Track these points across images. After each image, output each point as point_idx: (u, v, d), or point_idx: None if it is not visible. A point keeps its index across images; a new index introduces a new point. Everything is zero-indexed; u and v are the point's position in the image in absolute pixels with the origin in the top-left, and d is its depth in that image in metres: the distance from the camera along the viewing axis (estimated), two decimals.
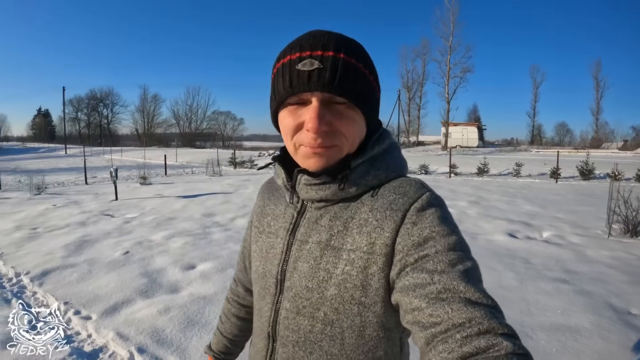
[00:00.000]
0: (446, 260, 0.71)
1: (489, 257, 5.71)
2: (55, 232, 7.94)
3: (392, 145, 0.92)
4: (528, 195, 12.63)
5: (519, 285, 4.65)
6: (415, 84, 61.71)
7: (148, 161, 32.61)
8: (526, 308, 4.05)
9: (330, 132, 0.80)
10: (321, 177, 0.85)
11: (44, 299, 4.58)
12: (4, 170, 23.60)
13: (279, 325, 0.90)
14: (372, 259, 0.78)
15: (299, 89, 0.78)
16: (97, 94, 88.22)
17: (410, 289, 0.71)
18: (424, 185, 0.86)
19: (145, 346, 3.43)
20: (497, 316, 0.63)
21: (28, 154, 58.13)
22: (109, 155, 43.33)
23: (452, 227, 0.78)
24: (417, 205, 0.80)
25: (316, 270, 0.84)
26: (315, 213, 0.89)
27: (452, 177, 19.19)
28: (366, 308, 0.79)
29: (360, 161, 0.85)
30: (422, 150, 43.79)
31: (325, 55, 0.77)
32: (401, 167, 0.93)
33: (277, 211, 0.99)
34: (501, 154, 33.89)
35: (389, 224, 0.79)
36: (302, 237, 0.89)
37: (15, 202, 12.72)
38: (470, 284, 0.67)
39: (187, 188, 15.11)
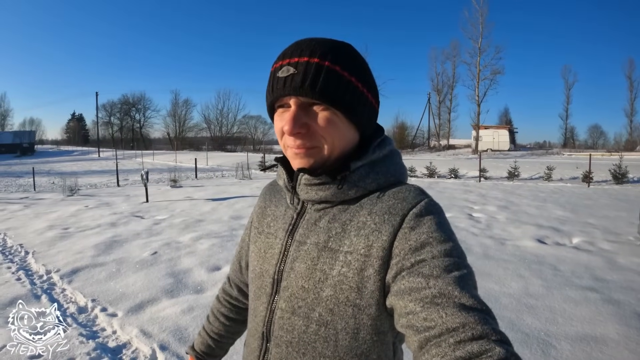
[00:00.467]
0: (442, 265, 0.72)
1: (516, 264, 5.62)
2: (86, 232, 8.16)
3: (392, 151, 0.94)
4: (559, 199, 12.35)
5: (546, 293, 4.55)
6: (445, 87, 61.04)
7: (179, 164, 33.16)
8: (552, 317, 3.96)
9: (308, 134, 0.83)
10: (321, 177, 0.86)
11: (72, 296, 4.71)
12: (38, 172, 24.29)
13: (274, 325, 0.90)
14: (368, 261, 0.79)
15: (277, 94, 0.83)
16: (129, 98, 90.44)
17: (406, 292, 0.72)
18: (423, 192, 0.86)
19: (167, 344, 3.49)
20: (490, 322, 0.64)
21: (62, 156, 59.80)
22: (140, 159, 44.21)
23: (449, 234, 0.78)
24: (415, 211, 0.80)
25: (313, 271, 0.84)
26: (315, 215, 0.90)
27: (481, 181, 18.90)
28: (361, 310, 0.79)
29: (360, 164, 0.87)
30: (452, 154, 43.33)
31: (300, 61, 0.81)
32: (401, 173, 0.94)
33: (277, 212, 1.00)
34: (532, 158, 33.21)
35: (387, 227, 0.80)
36: (301, 238, 0.89)
37: (49, 202, 13.12)
38: (465, 290, 0.68)
39: (216, 191, 15.31)
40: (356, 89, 0.84)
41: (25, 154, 68.84)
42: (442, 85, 61.15)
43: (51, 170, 32.95)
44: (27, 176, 26.59)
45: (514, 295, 4.46)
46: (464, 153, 44.42)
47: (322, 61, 0.81)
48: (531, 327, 3.74)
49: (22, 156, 65.69)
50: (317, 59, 0.81)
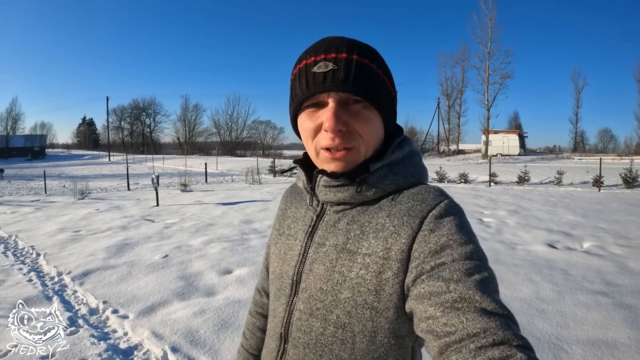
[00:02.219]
0: (462, 269, 0.70)
1: (527, 268, 5.58)
2: (97, 235, 8.22)
3: (412, 152, 0.92)
4: (569, 204, 12.26)
5: (557, 297, 4.52)
6: (454, 92, 60.74)
7: (189, 169, 33.30)
8: (563, 321, 3.93)
9: (347, 132, 0.81)
10: (340, 179, 0.86)
11: (84, 298, 4.74)
12: (49, 175, 24.51)
13: (292, 326, 0.89)
14: (387, 264, 0.78)
15: (315, 90, 0.80)
16: (139, 103, 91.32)
17: (425, 296, 0.70)
18: (443, 193, 0.84)
19: (179, 346, 3.51)
20: (512, 327, 0.63)
21: (73, 160, 60.35)
22: (151, 163, 44.51)
23: (469, 236, 0.77)
24: (435, 213, 0.79)
25: (331, 272, 0.84)
26: (334, 216, 0.90)
27: (492, 185, 18.81)
28: (378, 313, 0.79)
29: (379, 165, 0.86)
30: (462, 159, 43.19)
31: (339, 57, 0.79)
32: (421, 174, 0.92)
33: (297, 214, 1.00)
34: (542, 162, 33.05)
35: (405, 230, 0.78)
36: (320, 240, 0.89)
37: (60, 205, 13.23)
38: (486, 293, 0.66)
39: (226, 195, 15.36)
40: (387, 87, 0.85)
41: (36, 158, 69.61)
42: (452, 89, 60.94)
43: (62, 174, 33.27)
44: (38, 179, 26.86)
45: (525, 300, 4.44)
46: (474, 158, 44.29)
47: (362, 58, 0.80)
48: (542, 331, 3.72)
49: (33, 160, 66.45)
50: (356, 56, 0.80)
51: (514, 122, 70.79)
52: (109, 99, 72.18)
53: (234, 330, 3.79)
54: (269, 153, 61.53)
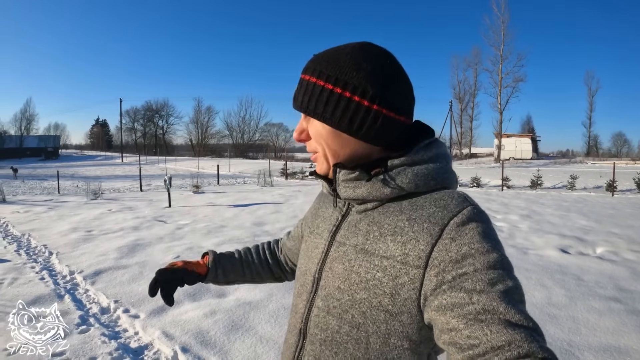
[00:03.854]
0: (485, 279, 0.68)
1: (539, 273, 5.53)
2: (109, 235, 8.29)
3: (440, 155, 0.89)
4: (582, 209, 12.15)
5: (569, 303, 4.48)
6: (467, 95, 60.49)
7: (201, 171, 33.47)
8: (575, 327, 3.89)
9: (310, 142, 0.93)
10: (355, 171, 0.86)
11: (95, 297, 4.78)
12: (62, 175, 24.69)
13: (311, 322, 0.91)
14: (403, 269, 0.78)
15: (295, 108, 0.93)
16: (152, 105, 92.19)
17: (448, 308, 0.69)
18: (466, 199, 0.82)
19: (189, 346, 3.52)
20: (537, 339, 0.61)
21: (86, 161, 60.93)
22: (163, 164, 44.82)
23: (493, 244, 0.74)
24: (457, 220, 0.77)
25: (349, 272, 0.85)
26: (356, 217, 0.91)
27: (504, 190, 18.70)
28: (392, 316, 0.79)
29: (398, 163, 0.84)
30: (474, 163, 42.97)
31: (301, 78, 0.90)
32: (446, 178, 0.88)
33: (326, 214, 1.02)
34: (555, 166, 32.78)
35: (425, 237, 0.77)
36: (341, 239, 0.91)
37: (73, 205, 13.36)
38: (510, 304, 0.65)
39: (238, 197, 15.43)
40: (341, 96, 0.83)
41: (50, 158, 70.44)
42: (464, 93, 60.70)
43: (75, 174, 33.60)
44: (51, 179, 27.13)
45: (536, 305, 4.39)
46: (487, 162, 44.05)
47: (306, 76, 0.87)
48: (554, 337, 3.68)
49: (47, 160, 67.25)
50: (304, 75, 0.88)
51: (526, 126, 70.35)
52: (122, 100, 72.84)
53: (244, 331, 3.79)
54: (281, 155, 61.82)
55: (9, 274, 5.62)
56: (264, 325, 3.91)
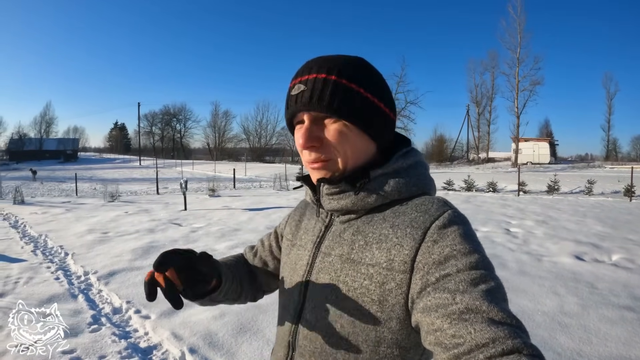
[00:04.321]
0: (468, 279, 0.70)
1: (552, 281, 5.46)
2: (125, 237, 8.40)
3: (418, 162, 0.93)
4: (599, 214, 11.94)
5: (581, 312, 4.40)
6: (484, 99, 59.80)
7: (218, 174, 33.72)
8: (586, 336, 3.83)
9: (322, 147, 0.86)
10: (340, 185, 0.88)
11: (108, 297, 4.86)
12: (81, 178, 25.10)
13: (299, 335, 0.91)
14: (390, 275, 0.79)
15: (292, 111, 0.88)
16: (170, 109, 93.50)
17: (432, 309, 0.70)
18: (446, 203, 0.85)
19: (197, 347, 3.56)
20: (521, 336, 0.62)
21: (104, 164, 61.76)
22: (180, 168, 45.09)
23: (474, 245, 0.77)
24: (438, 223, 0.79)
25: (336, 282, 0.85)
26: (340, 227, 0.92)
27: (520, 195, 18.49)
28: (381, 324, 0.79)
29: (380, 172, 0.87)
30: (491, 167, 42.61)
31: (309, 78, 0.85)
32: (425, 184, 0.92)
33: (309, 225, 1.02)
34: (573, 171, 32.36)
35: (408, 241, 0.79)
36: (326, 250, 0.91)
37: (90, 207, 13.56)
38: (493, 303, 0.66)
39: (254, 201, 15.49)
40: (366, 99, 0.86)
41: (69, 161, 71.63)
42: (481, 97, 60.11)
43: (93, 177, 34.07)
44: (69, 181, 27.58)
45: (548, 313, 4.34)
46: (504, 166, 43.64)
47: (329, 76, 0.84)
48: (564, 346, 3.63)
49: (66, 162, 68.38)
50: (324, 75, 0.84)
51: (544, 130, 69.39)
52: (140, 104, 73.73)
53: (252, 334, 3.82)
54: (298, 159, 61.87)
55: (25, 273, 5.74)
56: (272, 328, 3.92)
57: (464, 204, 14.09)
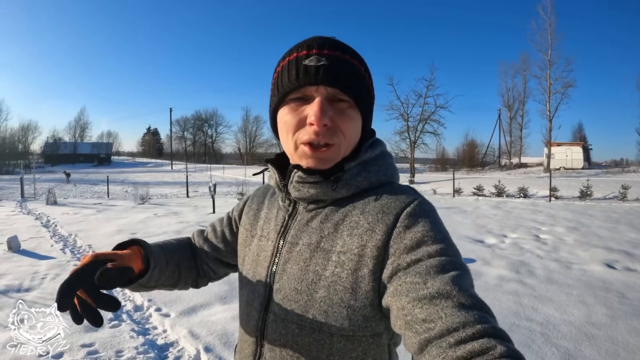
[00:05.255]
0: (439, 265, 0.71)
1: (581, 289, 5.29)
2: (152, 238, 8.47)
3: (384, 152, 0.94)
4: (633, 221, 11.52)
5: (609, 322, 4.24)
6: (516, 102, 58.33)
7: (248, 179, 33.92)
8: (613, 349, 3.68)
9: (332, 128, 0.82)
10: (315, 175, 0.86)
11: (130, 295, 4.95)
12: (113, 181, 25.66)
13: (267, 329, 0.87)
14: (362, 261, 0.78)
15: (305, 82, 0.81)
16: (202, 114, 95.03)
17: (403, 293, 0.70)
18: (415, 192, 0.87)
19: (212, 346, 3.58)
20: (490, 321, 0.63)
21: (137, 167, 63.05)
22: (210, 172, 45.64)
23: (444, 233, 0.78)
24: (409, 210, 0.80)
25: (305, 272, 0.83)
26: (306, 215, 0.90)
27: (552, 201, 18.06)
28: (355, 312, 0.78)
29: (353, 164, 0.87)
30: (523, 173, 41.78)
31: (332, 54, 0.82)
32: (392, 173, 0.93)
33: (270, 215, 0.99)
34: (607, 176, 31.39)
35: (380, 226, 0.79)
36: (293, 240, 0.89)
37: (121, 209, 13.85)
38: (463, 289, 0.67)
39: None
40: (370, 90, 0.89)
41: (102, 164, 73.56)
42: (513, 100, 58.71)
43: (125, 180, 34.79)
44: (102, 184, 28.25)
45: (574, 324, 4.19)
46: (536, 171, 42.71)
47: (352, 58, 0.84)
48: (589, 359, 3.49)
49: (99, 166, 70.36)
50: (348, 56, 0.83)
51: (578, 134, 67.39)
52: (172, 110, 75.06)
53: None
54: None
55: (53, 270, 5.91)
56: None
57: (494, 210, 13.85)
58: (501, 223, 10.85)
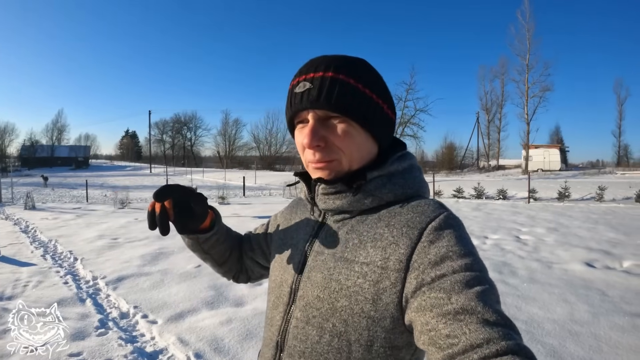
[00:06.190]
0: (463, 280, 0.70)
1: (562, 288, 5.39)
2: (134, 243, 8.46)
3: (413, 165, 0.94)
4: (611, 221, 11.80)
5: (591, 320, 4.35)
6: (494, 106, 59.25)
7: (228, 182, 33.77)
8: (596, 344, 3.78)
9: (327, 147, 0.85)
10: (336, 185, 0.88)
11: (116, 302, 4.89)
12: (91, 185, 25.32)
13: (288, 334, 0.89)
14: (384, 273, 0.78)
15: (295, 109, 0.86)
16: (181, 117, 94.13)
17: (427, 308, 0.70)
18: (442, 206, 0.85)
19: (202, 352, 3.56)
20: (514, 337, 0.62)
21: (115, 171, 62.21)
22: (191, 175, 45.28)
23: (469, 248, 0.77)
24: (434, 224, 0.79)
25: (329, 280, 0.84)
26: (334, 225, 0.92)
27: (531, 202, 18.33)
28: (375, 322, 0.78)
29: (377, 174, 0.88)
30: (501, 175, 42.34)
31: (316, 76, 0.84)
32: (420, 187, 0.93)
33: (300, 224, 1.03)
34: (584, 178, 32.05)
35: (404, 240, 0.79)
36: (319, 249, 0.91)
37: (101, 214, 13.65)
38: (488, 305, 0.66)
39: (263, 209, 15.49)
40: (371, 99, 0.86)
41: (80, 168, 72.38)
42: (491, 104, 59.66)
43: (104, 184, 34.30)
44: (80, 188, 27.77)
45: (558, 321, 4.28)
46: (514, 173, 43.33)
47: (337, 74, 0.83)
48: (574, 355, 3.57)
49: (77, 169, 69.18)
50: (331, 73, 0.83)
51: (555, 137, 68.78)
52: (151, 112, 74.50)
53: (258, 340, 3.81)
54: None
55: (35, 277, 5.81)
56: None
57: (474, 212, 14.00)
58: (482, 225, 10.98)
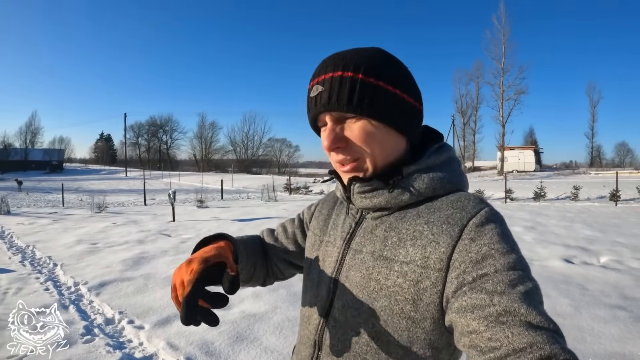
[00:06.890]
0: (506, 280, 0.67)
1: (543, 284, 5.49)
2: (114, 247, 8.32)
3: (451, 158, 0.90)
4: (587, 219, 12.11)
5: (573, 312, 4.47)
6: (469, 108, 59.71)
7: (205, 185, 33.52)
8: (580, 335, 3.88)
9: (348, 147, 0.84)
10: (372, 183, 0.86)
11: (100, 308, 4.80)
12: (67, 189, 24.87)
13: (326, 333, 0.88)
14: (425, 273, 0.76)
15: (313, 114, 0.86)
16: (157, 120, 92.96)
17: (468, 310, 0.67)
18: (482, 201, 0.82)
19: (194, 356, 3.53)
20: (559, 341, 0.60)
21: (90, 175, 61.19)
22: (167, 179, 44.91)
23: (512, 245, 0.74)
24: (475, 221, 0.76)
25: (367, 280, 0.82)
26: (372, 223, 0.89)
27: (507, 202, 18.65)
28: (415, 323, 0.77)
29: (414, 169, 0.85)
30: (477, 176, 42.79)
31: (326, 78, 0.82)
32: (459, 181, 0.89)
33: (337, 221, 1.00)
34: (559, 178, 32.68)
35: (445, 238, 0.76)
36: (357, 247, 0.88)
37: (78, 218, 13.41)
38: (531, 306, 0.64)
39: (242, 212, 15.44)
40: (387, 92, 0.82)
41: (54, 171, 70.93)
42: (466, 106, 60.13)
43: (79, 188, 33.71)
44: (55, 192, 27.27)
45: None
46: (490, 175, 43.84)
47: (345, 73, 0.80)
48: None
49: (51, 173, 67.77)
50: (340, 72, 0.81)
51: (529, 138, 70.18)
52: (126, 115, 73.38)
53: (249, 342, 3.80)
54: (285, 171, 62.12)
55: (14, 284, 5.67)
56: (269, 336, 3.91)
57: None
58: None
